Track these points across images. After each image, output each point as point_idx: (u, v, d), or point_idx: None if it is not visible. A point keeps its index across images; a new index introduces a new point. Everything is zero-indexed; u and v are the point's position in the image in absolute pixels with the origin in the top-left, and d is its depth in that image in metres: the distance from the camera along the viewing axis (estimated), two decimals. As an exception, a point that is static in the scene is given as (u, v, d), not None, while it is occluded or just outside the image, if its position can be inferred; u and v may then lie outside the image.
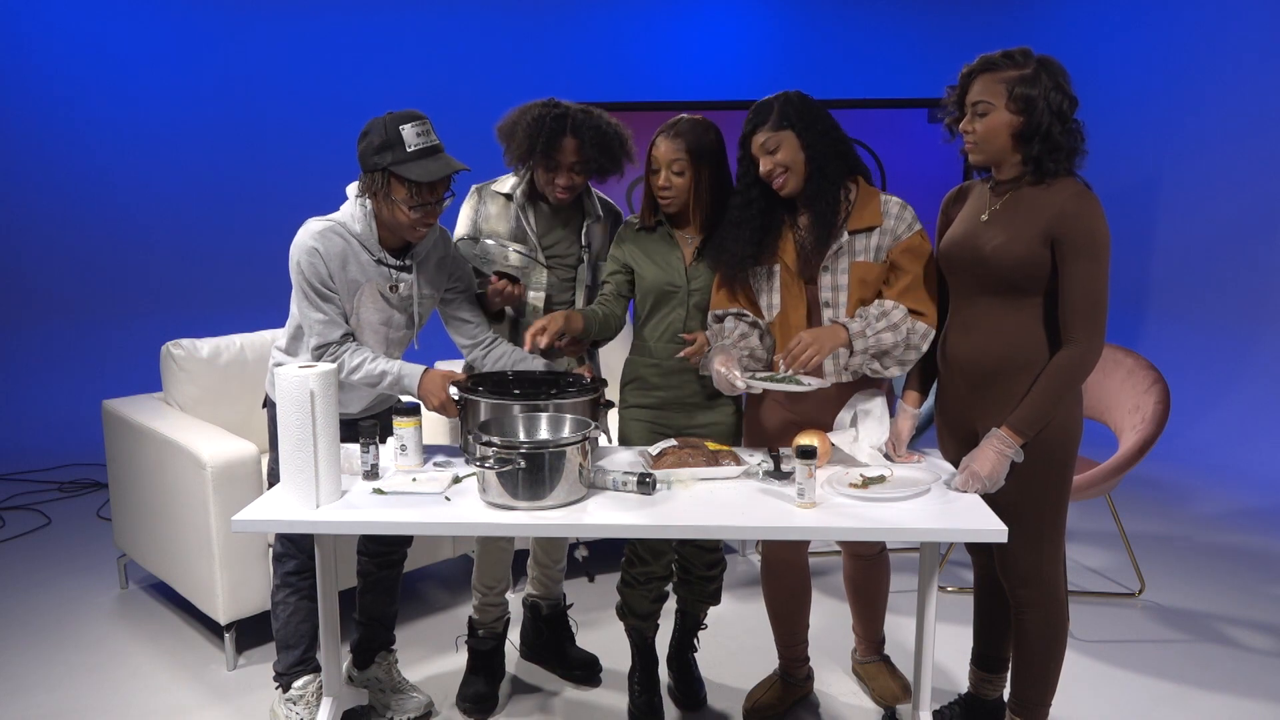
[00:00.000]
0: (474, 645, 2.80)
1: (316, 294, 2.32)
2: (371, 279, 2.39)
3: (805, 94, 2.31)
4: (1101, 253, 2.05)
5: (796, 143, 2.26)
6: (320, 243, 2.31)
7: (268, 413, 2.58)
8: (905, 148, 5.37)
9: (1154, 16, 5.88)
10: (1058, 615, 2.26)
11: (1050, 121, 2.05)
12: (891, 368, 2.31)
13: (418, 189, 2.25)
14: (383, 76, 6.25)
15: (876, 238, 2.31)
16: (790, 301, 2.36)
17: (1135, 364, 3.47)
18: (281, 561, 2.52)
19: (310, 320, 2.34)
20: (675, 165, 2.39)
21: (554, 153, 2.46)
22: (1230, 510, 4.43)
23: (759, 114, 2.29)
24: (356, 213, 2.36)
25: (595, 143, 2.47)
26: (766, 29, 6.93)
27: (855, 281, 2.30)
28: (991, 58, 2.10)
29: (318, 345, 2.35)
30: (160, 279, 6.08)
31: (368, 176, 2.28)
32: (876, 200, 2.33)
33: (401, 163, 2.22)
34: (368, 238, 2.36)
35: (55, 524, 4.26)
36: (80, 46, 5.82)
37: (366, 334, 2.44)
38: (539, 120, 2.45)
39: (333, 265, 2.32)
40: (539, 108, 2.48)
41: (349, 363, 2.36)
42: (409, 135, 2.23)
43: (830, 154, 2.27)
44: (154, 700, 2.81)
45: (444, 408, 2.37)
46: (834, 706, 2.78)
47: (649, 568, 2.59)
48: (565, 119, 2.46)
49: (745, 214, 2.35)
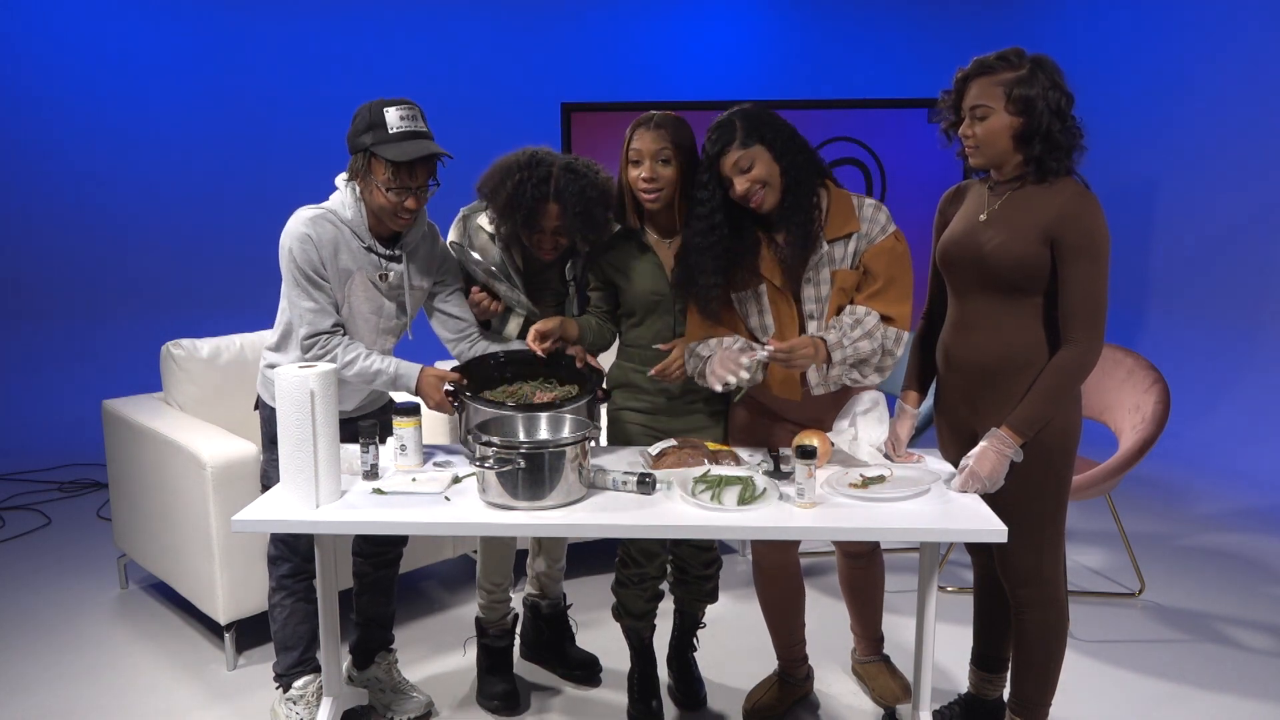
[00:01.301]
0: (489, 645, 2.80)
1: (309, 281, 2.30)
2: (361, 267, 2.37)
3: (761, 104, 2.26)
4: (1101, 253, 2.05)
5: (769, 156, 2.20)
6: (312, 229, 2.29)
7: (259, 415, 2.57)
8: (905, 148, 5.37)
9: (1154, 16, 5.87)
10: (1058, 615, 2.26)
11: (1050, 120, 2.04)
12: (870, 375, 2.30)
13: (396, 170, 2.25)
14: (382, 78, 6.25)
15: (854, 243, 2.28)
16: (783, 319, 2.32)
17: (1135, 364, 3.47)
18: (276, 564, 2.52)
19: (301, 309, 2.32)
20: (662, 154, 2.32)
21: (536, 219, 2.40)
22: (1230, 510, 4.43)
23: (723, 133, 2.19)
24: (346, 199, 2.35)
25: (578, 210, 2.38)
26: (766, 29, 6.93)
27: (836, 290, 2.28)
28: (986, 60, 2.10)
29: (309, 335, 2.32)
30: (160, 279, 6.08)
31: (353, 158, 2.31)
32: (850, 204, 2.29)
33: (381, 143, 2.24)
34: (358, 224, 2.35)
35: (55, 524, 4.26)
36: (80, 47, 5.82)
37: (358, 324, 2.42)
38: (520, 188, 2.37)
39: (324, 252, 2.30)
40: (520, 171, 2.38)
41: (342, 357, 2.33)
42: (392, 118, 2.25)
43: (801, 162, 2.23)
44: (154, 700, 2.81)
45: (441, 406, 2.37)
46: (834, 706, 2.78)
47: (642, 569, 2.58)
48: (547, 184, 2.37)
49: (709, 239, 2.25)
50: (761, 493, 2.08)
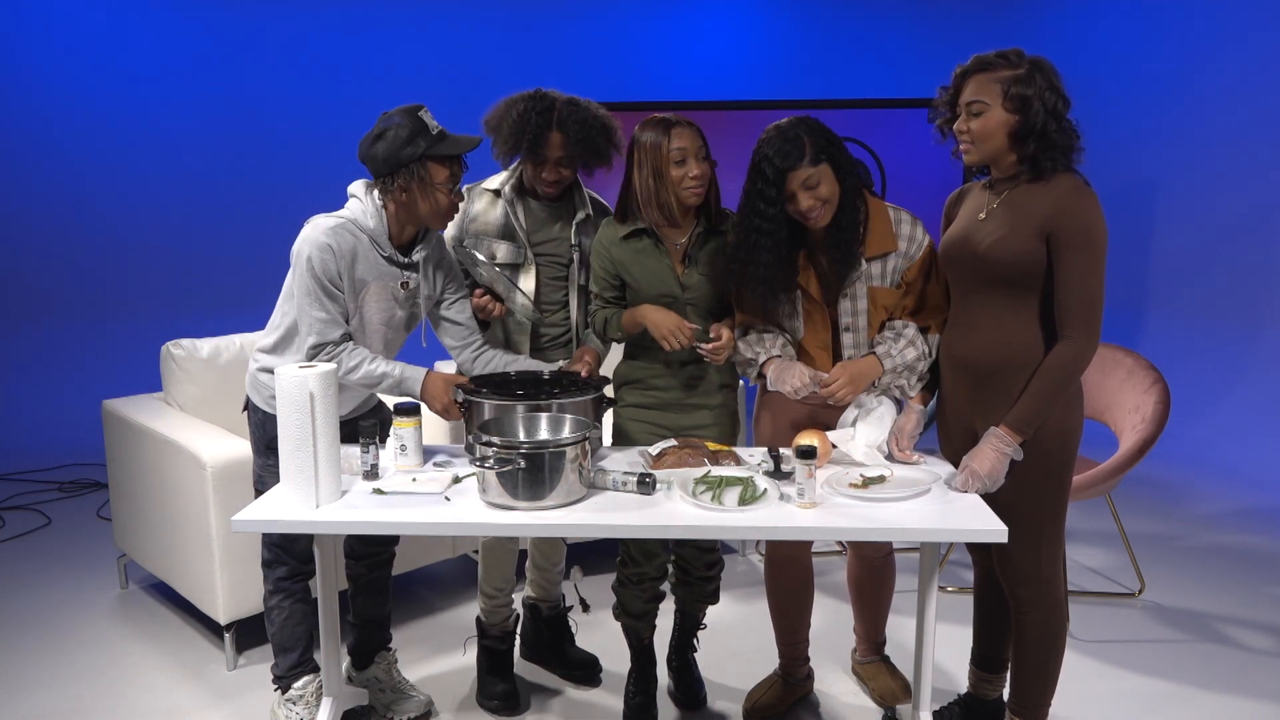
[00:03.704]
0: (490, 646, 2.80)
1: (324, 291, 2.30)
2: (379, 277, 2.38)
3: (815, 118, 2.27)
4: (1097, 248, 2.05)
5: (832, 174, 2.22)
6: (333, 239, 2.29)
7: (248, 417, 2.55)
8: (905, 148, 5.38)
9: (1154, 17, 5.88)
10: (1057, 615, 2.26)
11: (1045, 120, 2.05)
12: (915, 382, 2.36)
13: (457, 165, 2.31)
14: (382, 79, 6.25)
15: (893, 261, 2.32)
16: (816, 327, 2.37)
17: (1135, 364, 3.47)
18: (272, 568, 2.50)
19: (312, 318, 2.32)
20: (702, 151, 2.35)
21: (540, 147, 2.45)
22: (1230, 510, 4.43)
23: (792, 148, 2.18)
24: (368, 208, 2.35)
25: (580, 137, 2.45)
26: (766, 29, 6.93)
27: (874, 306, 2.34)
28: (985, 58, 2.11)
29: (315, 344, 2.32)
30: (160, 279, 6.08)
31: (404, 171, 2.27)
32: (888, 218, 2.33)
33: (434, 145, 2.27)
34: (380, 234, 2.35)
35: (55, 524, 4.26)
36: (81, 48, 5.82)
37: (368, 334, 2.43)
38: (524, 115, 2.43)
39: (343, 263, 2.30)
40: (524, 101, 2.46)
41: (347, 362, 2.33)
42: (429, 120, 2.29)
43: (855, 181, 2.27)
44: (154, 700, 2.81)
45: (447, 411, 2.36)
46: (834, 706, 2.78)
47: (641, 569, 2.58)
48: (551, 113, 2.44)
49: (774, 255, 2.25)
50: (762, 493, 2.08)
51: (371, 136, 2.30)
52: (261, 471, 2.50)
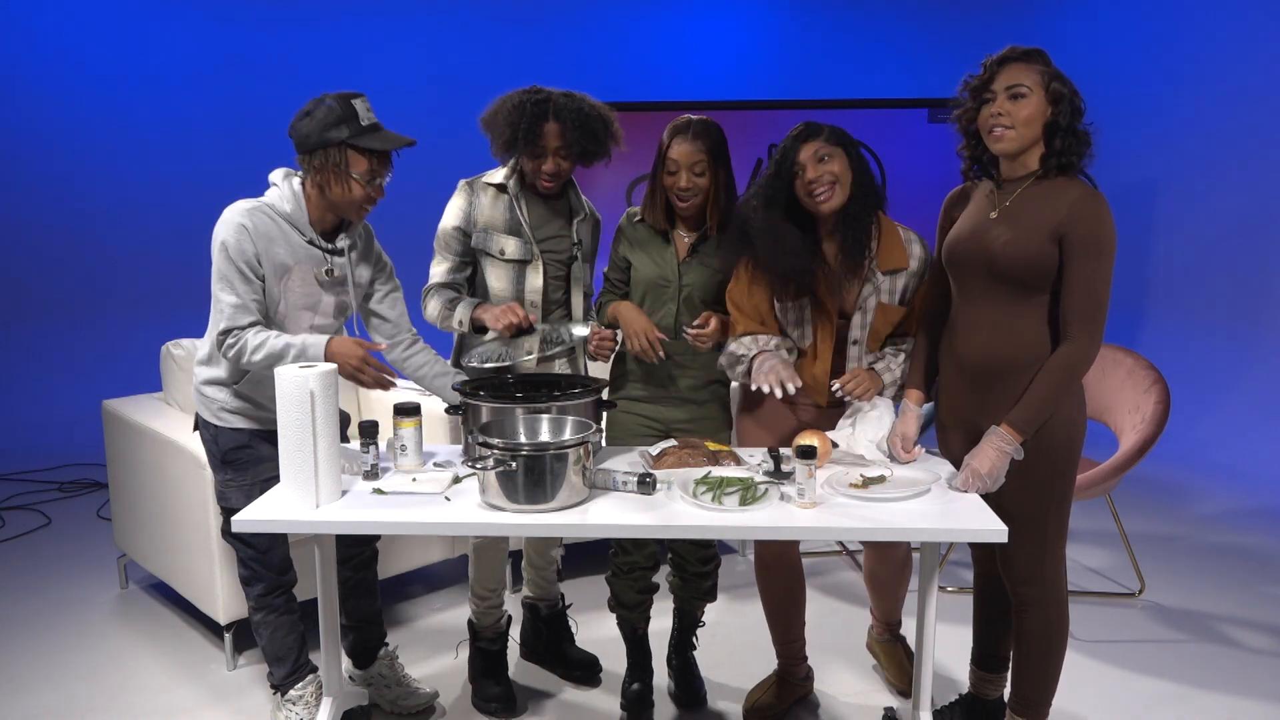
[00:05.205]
0: (483, 647, 2.80)
1: (239, 274, 2.24)
2: (301, 262, 2.33)
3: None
4: (1107, 253, 2.06)
5: (846, 162, 2.29)
6: (249, 220, 2.25)
7: (200, 436, 2.49)
8: (905, 148, 5.38)
9: (1154, 17, 5.88)
10: (1059, 615, 2.26)
11: (1073, 119, 2.08)
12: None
13: (378, 160, 2.27)
14: (382, 79, 6.24)
15: (903, 279, 2.38)
16: (822, 337, 2.40)
17: (1135, 364, 3.47)
18: (250, 585, 2.47)
19: (223, 303, 2.24)
20: (696, 167, 2.38)
21: (537, 139, 2.44)
22: (1230, 510, 4.43)
23: (809, 129, 2.30)
24: (285, 193, 2.32)
25: (578, 126, 2.44)
26: (767, 29, 6.93)
27: (884, 323, 2.38)
28: (1022, 48, 2.12)
29: (224, 329, 2.24)
30: (160, 279, 6.07)
31: (320, 153, 2.25)
32: (899, 236, 2.38)
33: (359, 135, 2.24)
34: (299, 218, 2.32)
35: (55, 524, 4.26)
36: (81, 49, 5.82)
37: (291, 320, 2.37)
38: (520, 107, 2.43)
39: (260, 245, 2.26)
40: (520, 95, 2.46)
41: (250, 343, 2.23)
42: (361, 110, 2.27)
43: (869, 185, 2.32)
44: (154, 700, 2.81)
45: (360, 370, 2.25)
46: (833, 706, 2.78)
47: (631, 558, 2.61)
48: (546, 104, 2.43)
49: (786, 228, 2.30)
50: (762, 493, 2.08)
51: (301, 113, 2.29)
52: (223, 488, 2.45)
